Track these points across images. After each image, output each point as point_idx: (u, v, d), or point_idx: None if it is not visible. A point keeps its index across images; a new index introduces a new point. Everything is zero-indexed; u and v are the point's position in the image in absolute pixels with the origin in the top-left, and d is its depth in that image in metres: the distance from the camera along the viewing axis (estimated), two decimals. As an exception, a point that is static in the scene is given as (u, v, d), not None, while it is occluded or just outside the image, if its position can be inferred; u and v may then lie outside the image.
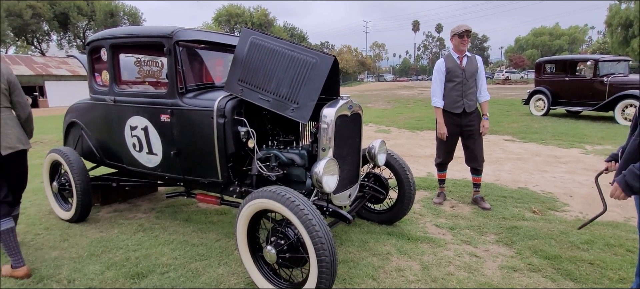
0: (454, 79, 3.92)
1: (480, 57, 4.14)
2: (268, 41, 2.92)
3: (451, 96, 3.94)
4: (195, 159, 3.16)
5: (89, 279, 2.73)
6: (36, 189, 5.06)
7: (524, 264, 2.88)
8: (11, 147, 2.71)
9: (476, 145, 4.00)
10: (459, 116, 3.96)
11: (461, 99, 3.92)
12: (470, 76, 3.92)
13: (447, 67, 3.94)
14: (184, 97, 3.12)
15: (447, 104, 3.97)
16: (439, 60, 4.08)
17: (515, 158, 6.53)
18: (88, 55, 3.75)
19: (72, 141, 4.19)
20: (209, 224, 3.76)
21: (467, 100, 3.92)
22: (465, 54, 3.95)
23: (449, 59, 3.97)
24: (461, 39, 3.86)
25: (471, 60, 3.97)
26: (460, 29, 3.86)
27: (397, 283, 2.66)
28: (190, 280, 2.70)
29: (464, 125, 3.98)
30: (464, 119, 3.96)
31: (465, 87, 3.92)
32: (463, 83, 3.91)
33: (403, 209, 3.53)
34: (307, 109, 2.64)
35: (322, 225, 2.20)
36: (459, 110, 3.93)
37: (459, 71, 3.91)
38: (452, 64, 3.94)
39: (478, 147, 4.01)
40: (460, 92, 3.91)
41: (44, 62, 30.36)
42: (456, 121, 3.98)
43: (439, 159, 4.23)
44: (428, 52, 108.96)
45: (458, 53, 3.94)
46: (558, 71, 11.78)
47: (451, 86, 3.94)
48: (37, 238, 3.47)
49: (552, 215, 3.87)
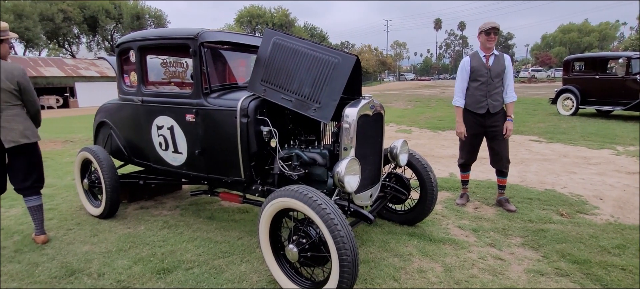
0: (478, 78, 3.83)
1: (508, 57, 4.00)
2: (290, 41, 2.95)
3: (475, 95, 3.85)
4: (219, 158, 3.23)
5: (118, 273, 2.83)
6: (68, 186, 5.28)
7: (551, 268, 2.80)
8: (14, 142, 3.06)
9: (501, 146, 3.90)
10: (482, 116, 3.87)
11: (485, 99, 3.82)
12: (495, 75, 3.81)
13: (471, 66, 3.86)
14: (208, 97, 3.19)
15: (470, 104, 3.89)
16: (464, 59, 3.99)
17: (542, 159, 6.34)
18: (117, 57, 3.88)
19: (102, 139, 4.34)
20: (231, 222, 3.83)
21: (492, 100, 3.82)
22: (492, 52, 3.84)
23: (474, 58, 3.89)
24: (488, 37, 3.77)
25: (498, 59, 3.85)
26: (486, 26, 3.77)
27: (418, 284, 2.64)
28: (213, 277, 2.76)
29: (488, 126, 3.88)
30: (487, 119, 3.87)
31: (490, 87, 3.82)
32: (488, 83, 3.81)
33: (425, 210, 3.49)
34: (329, 108, 2.65)
35: (344, 224, 2.21)
36: (483, 110, 3.84)
37: (484, 70, 3.81)
38: (478, 63, 3.85)
39: (503, 148, 3.91)
40: (485, 92, 3.82)
41: (74, 64, 31.52)
42: (480, 121, 3.89)
43: (461, 159, 4.16)
44: (450, 51, 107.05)
45: (485, 51, 3.85)
46: (588, 69, 11.37)
47: (475, 86, 3.85)
48: (69, 233, 3.62)
49: (581, 218, 3.74)
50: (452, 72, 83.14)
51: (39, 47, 39.73)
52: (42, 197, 3.46)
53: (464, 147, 4.08)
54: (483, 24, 3.83)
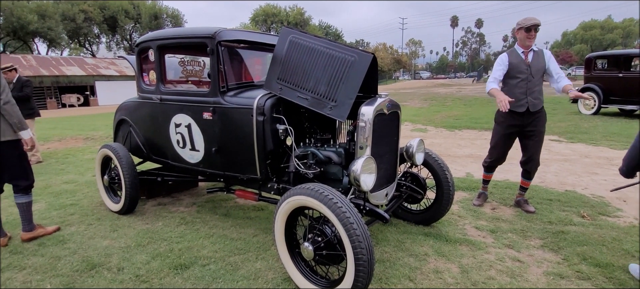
0: (518, 75, 3.64)
1: (548, 51, 3.82)
2: (307, 40, 2.95)
3: (514, 93, 3.62)
4: (235, 155, 3.26)
5: (137, 268, 2.89)
6: (89, 182, 5.41)
7: (572, 271, 2.73)
8: None
9: (536, 147, 3.75)
10: (521, 115, 3.67)
11: (525, 97, 3.64)
12: (536, 72, 3.64)
13: (510, 62, 3.69)
14: (225, 95, 3.22)
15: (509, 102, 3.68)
16: (503, 54, 3.82)
17: (562, 159, 6.19)
18: (137, 56, 3.96)
19: (122, 137, 4.44)
20: (247, 219, 3.87)
21: (532, 98, 3.64)
22: (531, 48, 3.69)
23: (512, 54, 3.72)
24: (528, 33, 3.59)
25: (538, 55, 3.69)
26: (527, 22, 3.56)
27: (434, 284, 2.61)
28: (229, 273, 2.79)
29: (525, 125, 3.70)
30: (526, 118, 3.68)
31: (530, 84, 3.63)
32: (528, 80, 3.63)
33: (441, 210, 3.45)
34: (345, 107, 2.64)
35: (360, 223, 2.20)
36: (523, 109, 3.64)
37: (524, 66, 3.64)
38: (516, 59, 3.69)
39: (537, 150, 3.77)
40: (525, 89, 3.63)
41: (94, 63, 32.28)
42: (518, 120, 3.70)
43: (489, 159, 4.00)
44: (467, 49, 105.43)
45: (523, 48, 3.68)
46: (610, 67, 11.04)
47: (515, 83, 3.67)
48: (90, 228, 3.71)
49: (603, 220, 3.64)
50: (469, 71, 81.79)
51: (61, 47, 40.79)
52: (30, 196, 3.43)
53: (496, 146, 3.89)
54: (523, 20, 3.63)
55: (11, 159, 3.24)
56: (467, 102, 17.15)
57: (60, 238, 3.44)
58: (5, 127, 3.15)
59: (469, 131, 9.38)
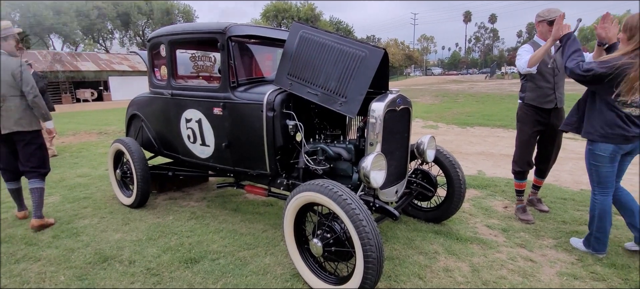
0: (542, 69, 3.42)
1: None
2: (317, 35, 2.93)
3: (542, 88, 3.45)
4: (245, 151, 3.27)
5: (148, 261, 2.92)
6: (102, 176, 5.49)
7: (587, 272, 2.67)
8: (8, 129, 3.33)
9: (555, 146, 3.63)
10: (548, 112, 3.49)
11: (553, 92, 3.45)
12: (561, 66, 3.40)
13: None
14: (235, 91, 3.22)
15: (535, 98, 3.48)
16: (526, 44, 3.60)
17: (577, 158, 6.07)
18: (148, 51, 3.99)
19: (134, 132, 4.49)
20: (256, 214, 3.88)
21: (559, 94, 3.48)
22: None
23: (535, 46, 3.50)
24: (551, 27, 3.31)
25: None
26: (551, 14, 3.33)
27: (444, 283, 2.58)
28: (238, 268, 2.81)
29: (551, 123, 3.51)
30: (553, 115, 3.50)
31: (557, 78, 3.45)
32: (554, 73, 3.44)
33: (452, 208, 3.41)
34: (356, 103, 2.62)
35: (370, 220, 2.19)
36: (551, 105, 3.46)
37: (548, 59, 3.39)
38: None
39: (557, 148, 3.65)
40: (552, 84, 3.44)
41: (107, 59, 32.71)
42: (544, 118, 3.50)
43: (520, 165, 3.64)
44: (480, 45, 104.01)
45: (545, 41, 3.45)
46: (629, 64, 10.75)
47: (540, 78, 3.46)
48: (102, 221, 3.77)
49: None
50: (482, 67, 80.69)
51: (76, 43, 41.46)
52: (44, 183, 3.64)
53: (524, 146, 3.60)
54: (545, 12, 3.43)
55: (35, 148, 3.53)
56: (479, 99, 16.93)
57: (74, 231, 3.50)
58: (33, 118, 3.45)
59: (480, 128, 9.26)
